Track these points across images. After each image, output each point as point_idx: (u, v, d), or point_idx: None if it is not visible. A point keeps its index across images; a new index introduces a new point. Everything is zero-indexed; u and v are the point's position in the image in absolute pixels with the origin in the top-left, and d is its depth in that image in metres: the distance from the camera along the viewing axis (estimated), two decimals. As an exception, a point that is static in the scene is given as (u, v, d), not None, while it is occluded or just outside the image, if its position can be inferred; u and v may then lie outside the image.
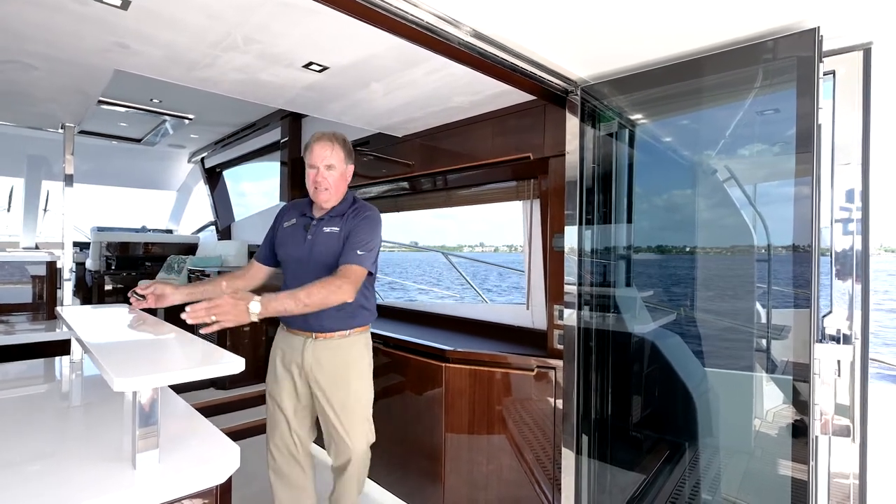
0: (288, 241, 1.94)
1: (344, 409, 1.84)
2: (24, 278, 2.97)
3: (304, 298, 1.56)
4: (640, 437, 2.46)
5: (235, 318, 1.41)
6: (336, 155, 1.85)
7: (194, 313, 1.32)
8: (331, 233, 1.85)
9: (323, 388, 1.84)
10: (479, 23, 1.42)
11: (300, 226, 1.94)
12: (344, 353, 1.86)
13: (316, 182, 1.85)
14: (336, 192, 1.89)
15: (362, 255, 1.74)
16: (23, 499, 0.89)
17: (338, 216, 1.89)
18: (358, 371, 1.89)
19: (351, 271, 1.69)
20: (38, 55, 1.87)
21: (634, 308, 2.27)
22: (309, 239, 1.88)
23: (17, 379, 1.74)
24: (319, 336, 1.85)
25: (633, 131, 2.10)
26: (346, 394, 1.84)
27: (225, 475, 1.05)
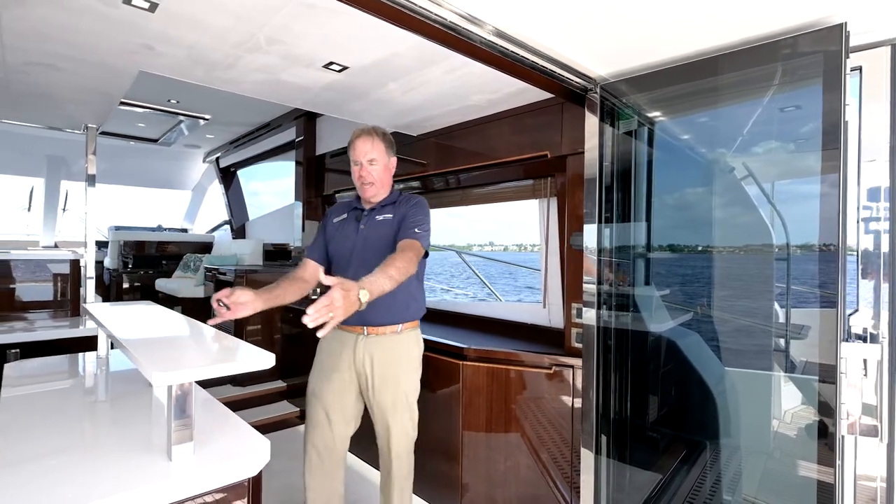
0: (339, 234, 1.95)
1: (394, 405, 1.85)
2: (46, 276, 3.03)
3: (395, 275, 1.52)
4: (659, 436, 2.45)
5: (348, 310, 1.33)
6: (377, 148, 1.86)
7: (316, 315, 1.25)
8: (384, 220, 1.86)
9: (374, 385, 1.85)
10: (502, 21, 1.43)
11: (351, 219, 1.96)
12: (396, 348, 1.87)
13: (361, 177, 1.86)
14: (381, 185, 1.89)
15: (420, 233, 1.76)
16: (69, 487, 0.91)
17: (389, 205, 1.91)
18: (409, 367, 1.90)
19: (412, 245, 1.69)
20: (63, 57, 1.90)
21: (654, 307, 2.27)
22: (362, 228, 1.89)
23: (47, 374, 1.78)
24: (371, 331, 1.84)
25: (652, 129, 2.09)
26: (395, 390, 1.85)
27: (256, 468, 1.07)
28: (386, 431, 1.88)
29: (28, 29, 1.65)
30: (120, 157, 5.47)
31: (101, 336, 1.93)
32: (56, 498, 0.88)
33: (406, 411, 1.89)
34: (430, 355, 2.44)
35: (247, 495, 1.06)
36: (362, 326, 1.84)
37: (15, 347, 2.35)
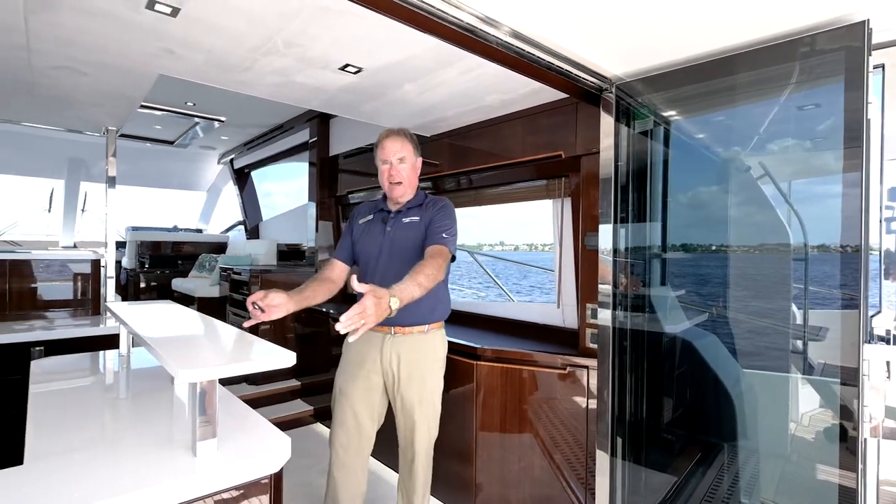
0: (366, 235, 1.97)
1: (420, 403, 1.88)
2: (67, 276, 3.10)
3: (424, 282, 1.56)
4: (674, 438, 2.43)
5: (378, 317, 1.36)
6: (406, 148, 1.89)
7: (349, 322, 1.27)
8: (411, 222, 1.89)
9: (399, 384, 1.88)
10: (518, 22, 1.43)
11: (378, 220, 1.98)
12: (423, 348, 1.90)
13: (390, 175, 1.88)
14: (409, 185, 1.92)
15: (447, 239, 1.79)
16: (101, 479, 0.94)
17: (416, 207, 1.93)
18: (434, 366, 1.93)
19: (440, 251, 1.73)
20: (87, 61, 1.95)
21: (670, 307, 2.25)
22: (388, 230, 1.91)
23: (72, 371, 1.83)
24: (399, 331, 1.87)
25: (668, 129, 2.08)
26: (422, 388, 1.88)
27: (278, 465, 1.09)
28: (411, 429, 1.91)
29: (54, 34, 1.69)
30: (137, 158, 5.56)
31: (123, 334, 1.97)
32: (90, 490, 0.90)
33: (430, 409, 1.92)
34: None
35: (269, 491, 1.08)
36: (390, 327, 1.87)
37: (39, 345, 2.41)
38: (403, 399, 1.89)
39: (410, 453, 1.94)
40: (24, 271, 2.86)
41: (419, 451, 1.91)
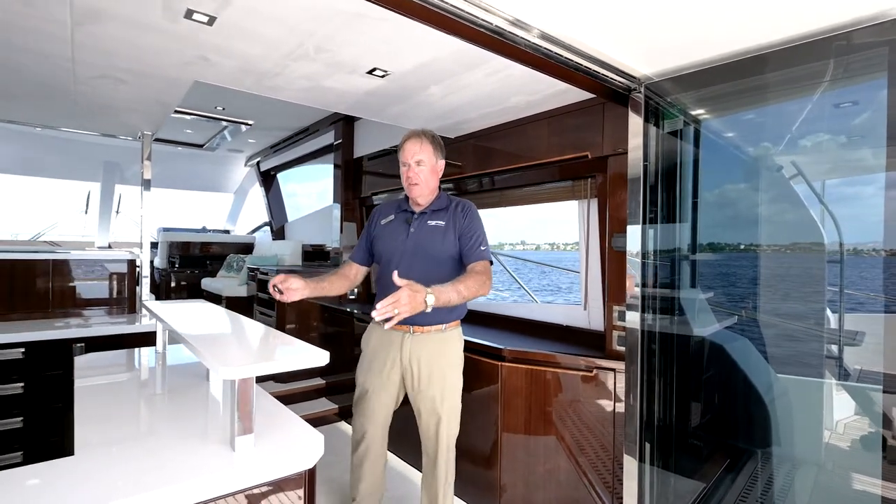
0: (388, 235, 2.00)
1: (442, 400, 1.92)
2: (103, 275, 3.21)
3: (463, 291, 1.65)
4: (702, 443, 2.38)
5: (412, 310, 1.46)
6: (425, 150, 1.92)
7: (384, 310, 1.39)
8: (436, 226, 1.92)
9: (420, 382, 1.91)
10: (547, 24, 1.43)
11: (400, 220, 2.00)
12: (442, 346, 1.93)
13: (408, 177, 1.93)
14: (426, 187, 1.94)
15: (485, 250, 1.87)
16: (147, 470, 0.98)
17: (440, 210, 1.96)
18: (453, 365, 1.96)
19: (486, 267, 1.81)
20: (127, 70, 2.03)
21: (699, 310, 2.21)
22: (412, 232, 1.94)
23: (112, 366, 1.90)
24: (417, 330, 1.90)
25: (698, 128, 2.04)
26: (443, 386, 1.92)
27: (312, 461, 1.12)
28: (434, 427, 1.93)
29: (97, 45, 1.77)
30: (168, 161, 5.74)
31: (160, 332, 2.04)
32: (137, 480, 0.95)
33: (451, 406, 1.95)
34: (468, 355, 2.45)
35: (304, 486, 1.11)
36: (409, 326, 1.90)
37: (80, 342, 2.51)
38: (425, 397, 1.92)
39: (433, 451, 1.96)
40: (65, 271, 2.98)
41: (441, 448, 1.94)
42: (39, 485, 0.93)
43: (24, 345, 2.38)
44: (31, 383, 2.41)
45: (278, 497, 1.08)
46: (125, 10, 1.51)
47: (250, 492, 1.04)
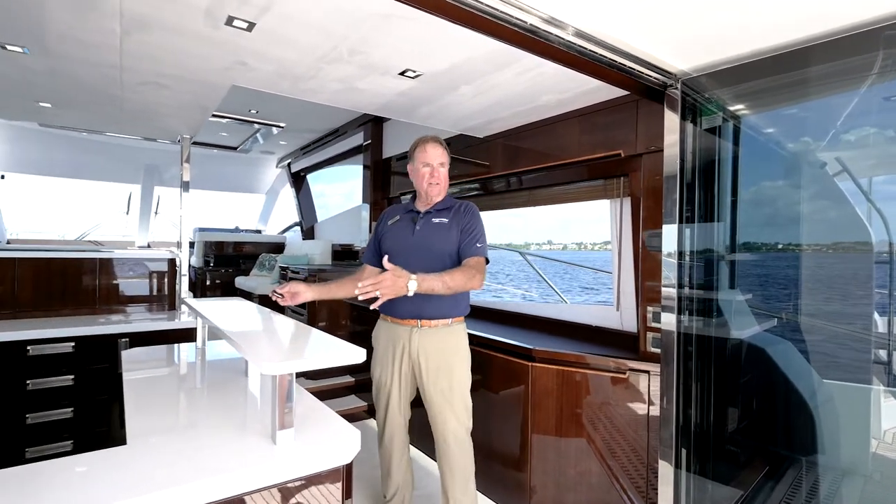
0: (394, 234, 2.11)
1: (450, 392, 1.96)
2: (143, 273, 3.35)
3: (449, 281, 1.73)
4: (740, 450, 2.31)
5: (394, 293, 1.57)
6: (445, 155, 2.07)
7: (363, 289, 1.51)
8: (440, 223, 2.02)
9: (428, 374, 1.98)
10: (582, 21, 1.42)
11: (407, 220, 2.11)
12: (448, 340, 1.99)
13: (431, 177, 2.03)
14: (444, 186, 2.08)
15: (481, 247, 1.94)
16: (195, 461, 1.02)
17: (444, 209, 2.06)
18: (460, 357, 2.01)
19: (479, 262, 1.89)
20: (170, 76, 2.11)
21: (738, 311, 2.14)
22: (418, 229, 2.04)
23: (156, 360, 1.98)
24: (425, 324, 1.98)
25: (738, 125, 1.98)
26: (450, 378, 1.97)
27: (350, 456, 1.14)
28: (443, 420, 1.98)
29: (144, 52, 1.85)
30: (203, 164, 5.94)
31: (200, 328, 2.11)
32: (187, 469, 0.99)
33: (460, 399, 1.99)
34: (497, 355, 2.46)
35: (342, 480, 1.13)
36: (417, 320, 1.99)
37: (124, 337, 2.63)
38: (433, 390, 1.97)
39: (444, 444, 2.00)
40: (110, 269, 3.12)
41: (451, 441, 1.98)
42: (101, 470, 0.98)
43: (75, 339, 2.51)
44: (80, 376, 2.53)
45: (318, 489, 1.10)
46: (170, 18, 1.57)
47: (291, 484, 1.07)
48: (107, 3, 1.49)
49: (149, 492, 0.90)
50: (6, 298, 2.71)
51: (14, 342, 2.35)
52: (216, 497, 0.96)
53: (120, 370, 2.47)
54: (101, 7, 1.51)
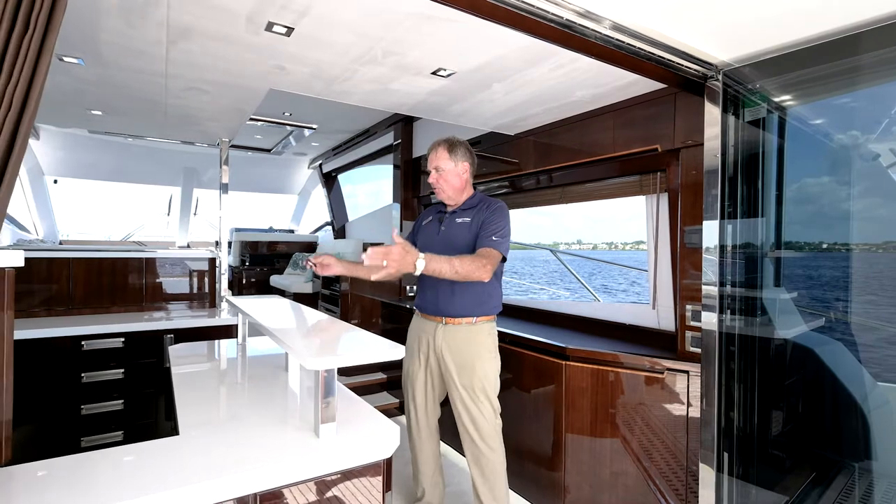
0: (424, 234, 2.20)
1: (472, 390, 1.98)
2: (185, 272, 3.48)
3: (457, 266, 1.73)
4: (787, 453, 2.22)
5: (400, 266, 1.54)
6: (442, 157, 2.04)
7: (372, 256, 1.48)
8: (462, 223, 2.04)
9: (451, 370, 2.01)
10: (619, 14, 1.39)
11: (436, 220, 2.18)
12: (471, 337, 2.01)
13: (431, 184, 2.10)
14: (451, 188, 2.06)
15: (497, 241, 1.91)
16: (243, 452, 1.06)
17: (469, 208, 2.08)
18: (483, 355, 2.01)
19: (489, 253, 1.86)
20: (212, 81, 2.19)
21: (784, 310, 2.06)
22: (443, 229, 2.10)
23: (201, 356, 2.06)
24: (449, 322, 2.02)
25: (783, 116, 1.91)
26: (472, 376, 1.98)
27: (390, 450, 1.16)
28: (469, 417, 1.99)
29: (188, 60, 1.92)
30: (239, 166, 6.13)
31: (241, 325, 2.19)
32: (237, 460, 1.03)
33: (484, 397, 1.99)
34: (530, 354, 2.45)
35: (382, 475, 1.16)
36: (442, 317, 2.03)
37: (169, 333, 2.75)
38: (457, 386, 2.00)
39: (470, 442, 2.02)
40: (155, 268, 3.26)
41: (476, 438, 1.99)
42: (161, 458, 1.03)
43: (124, 335, 2.63)
44: (129, 370, 2.66)
45: (361, 482, 1.13)
46: (213, 26, 1.63)
47: (335, 477, 1.09)
48: (155, 13, 1.56)
49: (206, 479, 0.94)
50: (62, 296, 2.86)
51: (70, 337, 2.49)
52: (266, 487, 1.00)
53: (167, 364, 2.59)
54: (150, 17, 1.58)
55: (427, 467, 2.19)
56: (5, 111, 0.74)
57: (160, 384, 2.74)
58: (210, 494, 0.94)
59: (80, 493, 0.89)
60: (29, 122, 0.77)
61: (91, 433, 2.56)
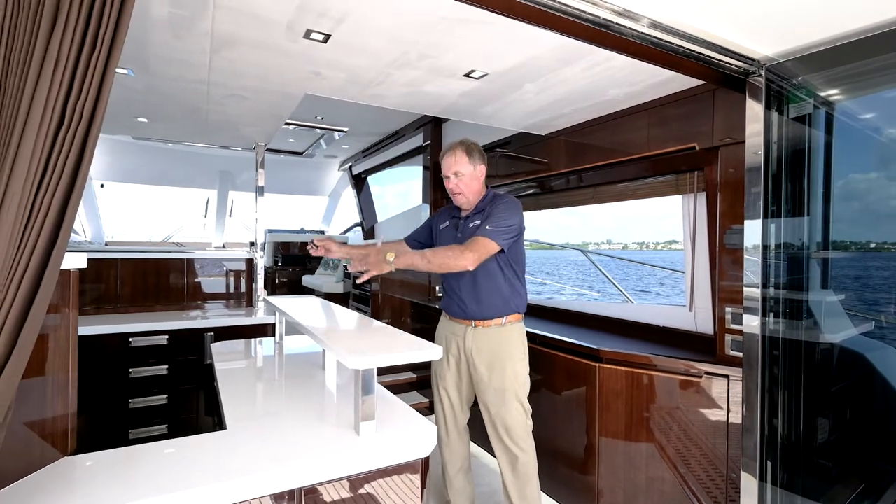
0: (443, 239, 2.17)
1: (503, 392, 1.97)
2: (222, 272, 3.59)
3: (430, 257, 1.80)
4: (834, 463, 2.13)
5: (377, 267, 1.73)
6: (460, 162, 2.03)
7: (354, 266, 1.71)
8: (474, 226, 2.02)
9: (482, 372, 2.00)
10: (658, 12, 1.37)
11: (451, 227, 2.16)
12: (500, 339, 2.00)
13: (449, 189, 2.08)
14: (469, 193, 2.05)
15: (490, 230, 1.88)
16: (288, 446, 1.10)
17: (480, 211, 2.06)
18: (513, 356, 2.01)
19: (477, 242, 1.85)
20: (251, 88, 2.26)
21: (831, 313, 1.98)
22: (458, 236, 2.07)
23: (241, 353, 2.14)
24: (478, 324, 2.01)
25: (831, 112, 1.83)
26: (502, 377, 1.97)
27: (428, 449, 1.18)
28: (499, 419, 1.99)
29: (229, 67, 1.99)
30: (272, 169, 6.28)
31: (278, 324, 2.25)
32: (282, 454, 1.07)
33: (514, 398, 1.98)
34: (561, 355, 2.43)
35: (420, 473, 1.17)
36: (471, 320, 2.02)
37: (210, 331, 2.85)
38: (487, 388, 1.99)
39: (499, 442, 2.01)
40: (195, 268, 3.38)
41: (507, 440, 1.99)
42: (213, 451, 1.08)
43: (168, 332, 2.75)
44: (172, 366, 2.78)
45: (400, 479, 1.15)
46: (254, 34, 1.69)
47: (374, 474, 1.12)
48: (200, 24, 1.62)
49: (254, 472, 0.99)
50: (111, 295, 3.01)
51: (119, 334, 2.62)
52: (310, 482, 1.04)
53: (208, 361, 2.68)
54: (196, 28, 1.65)
55: (457, 469, 2.19)
56: (76, 124, 0.79)
57: (200, 380, 2.85)
58: (259, 487, 0.98)
59: (145, 481, 0.95)
60: (96, 133, 0.82)
61: (138, 426, 2.69)
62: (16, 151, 0.74)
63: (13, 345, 0.75)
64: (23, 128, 0.75)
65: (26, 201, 0.75)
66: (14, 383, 0.75)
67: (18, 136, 0.75)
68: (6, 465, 0.93)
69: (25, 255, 0.76)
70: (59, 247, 0.79)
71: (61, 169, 0.79)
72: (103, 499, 0.89)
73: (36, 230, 0.77)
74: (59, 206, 0.79)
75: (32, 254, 0.76)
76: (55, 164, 0.78)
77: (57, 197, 0.78)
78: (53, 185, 0.78)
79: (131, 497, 0.89)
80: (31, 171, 0.76)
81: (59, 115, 0.78)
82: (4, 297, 0.74)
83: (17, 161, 0.74)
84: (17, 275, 0.75)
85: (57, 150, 0.78)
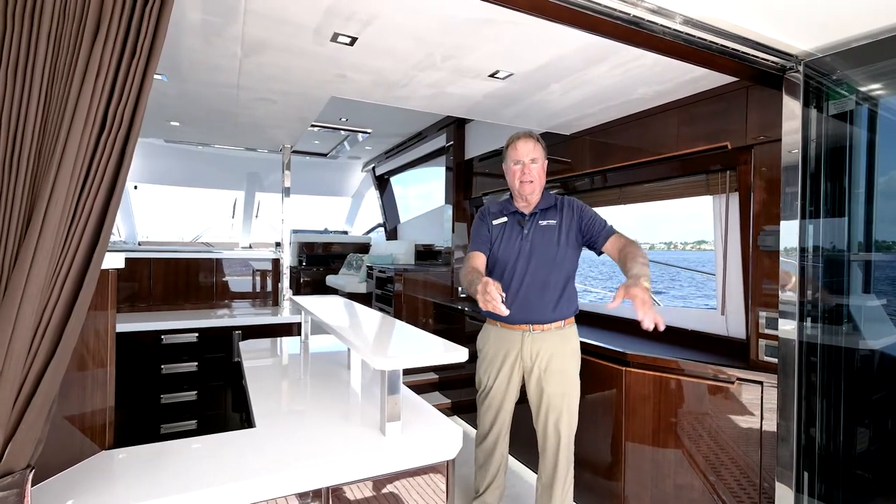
0: (503, 239, 2.01)
1: (563, 396, 1.94)
2: (248, 272, 3.66)
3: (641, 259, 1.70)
4: (875, 475, 2.04)
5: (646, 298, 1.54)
6: (537, 149, 1.97)
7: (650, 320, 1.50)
8: (548, 225, 1.96)
9: (542, 378, 1.95)
10: (691, 8, 1.34)
11: (513, 223, 2.01)
12: (563, 342, 1.96)
13: (522, 174, 1.95)
14: (539, 184, 1.98)
15: (611, 226, 1.94)
16: (315, 445, 1.11)
17: (549, 209, 1.99)
18: (574, 360, 1.99)
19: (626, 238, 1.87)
20: (279, 91, 2.30)
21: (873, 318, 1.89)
22: (526, 234, 1.97)
23: (268, 351, 2.17)
24: (537, 328, 1.94)
25: (874, 108, 1.75)
26: (564, 382, 1.94)
27: (454, 451, 1.17)
28: (555, 423, 1.95)
29: (259, 72, 2.03)
30: (297, 170, 6.38)
31: (304, 323, 2.28)
32: (310, 452, 1.08)
33: (573, 402, 1.97)
34: (588, 359, 2.38)
35: (446, 474, 1.17)
36: (528, 325, 1.94)
37: (237, 329, 2.91)
38: (548, 393, 1.94)
39: (553, 448, 1.97)
40: (223, 268, 3.46)
41: (562, 445, 1.95)
42: (246, 448, 1.10)
43: (198, 330, 2.82)
44: (201, 363, 2.85)
45: (426, 480, 1.15)
46: (283, 39, 1.72)
47: (400, 475, 1.12)
48: (231, 30, 1.66)
49: (283, 470, 1.00)
50: (144, 293, 3.11)
51: (152, 331, 2.70)
52: (336, 481, 1.04)
53: (236, 359, 2.74)
54: (227, 34, 1.69)
55: (495, 468, 2.12)
56: (117, 129, 0.82)
57: (228, 378, 2.92)
58: (287, 485, 1.00)
59: (178, 476, 0.97)
60: (135, 137, 0.84)
61: (169, 421, 2.76)
62: (61, 156, 0.77)
63: (58, 341, 0.78)
64: (67, 133, 0.78)
65: (71, 203, 0.78)
66: (58, 379, 0.78)
67: (63, 141, 0.78)
68: (48, 458, 0.96)
69: (69, 255, 0.79)
70: (100, 247, 0.82)
71: (103, 172, 0.81)
72: (141, 493, 0.92)
73: (79, 231, 0.79)
74: (100, 208, 0.82)
75: (76, 254, 0.79)
76: (97, 167, 0.81)
77: (99, 199, 0.81)
78: (96, 187, 0.81)
79: (168, 491, 0.91)
80: (75, 174, 0.78)
81: (100, 121, 0.81)
82: (49, 295, 0.77)
83: (62, 165, 0.77)
84: (62, 274, 0.78)
85: (99, 154, 0.81)
